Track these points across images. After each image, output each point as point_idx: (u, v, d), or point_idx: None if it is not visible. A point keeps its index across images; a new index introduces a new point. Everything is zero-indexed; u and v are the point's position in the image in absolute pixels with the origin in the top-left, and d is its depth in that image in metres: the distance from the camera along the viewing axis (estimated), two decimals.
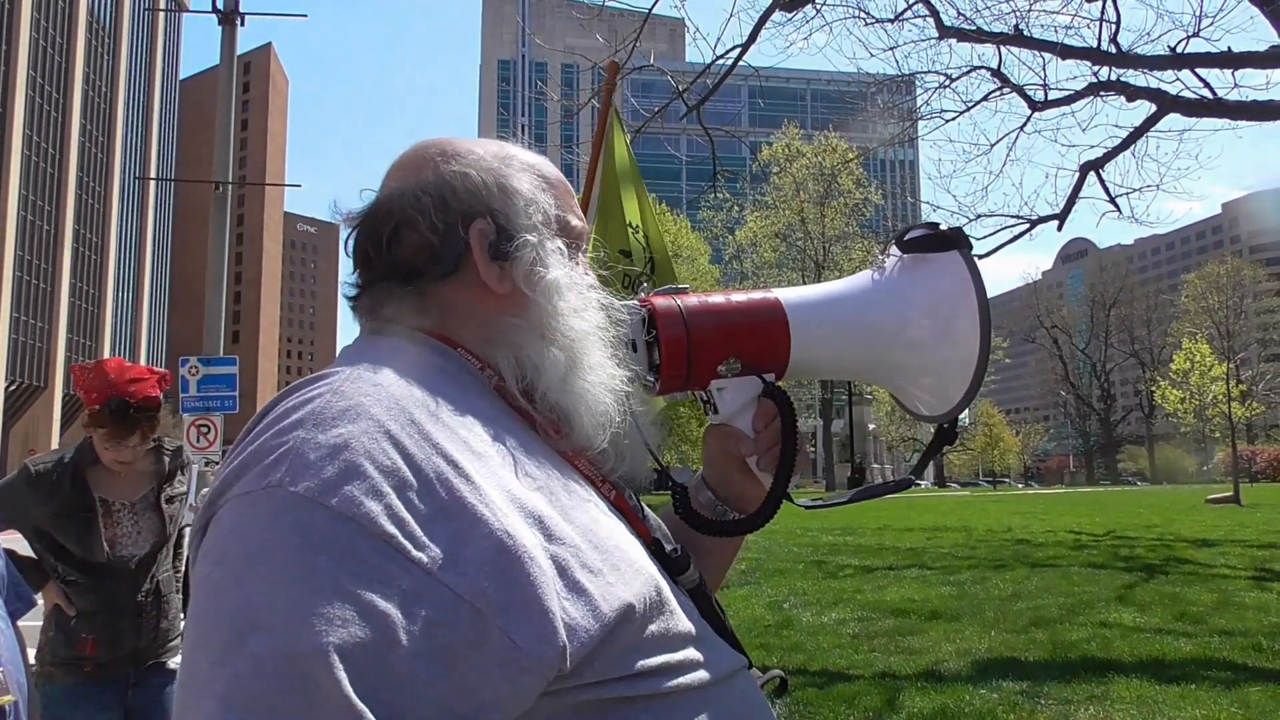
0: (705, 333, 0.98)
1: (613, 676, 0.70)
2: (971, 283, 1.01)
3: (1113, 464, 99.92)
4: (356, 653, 0.59)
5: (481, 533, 0.66)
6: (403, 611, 0.61)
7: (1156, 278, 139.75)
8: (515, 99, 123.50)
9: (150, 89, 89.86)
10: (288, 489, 0.64)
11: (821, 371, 1.10)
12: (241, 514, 0.65)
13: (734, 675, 0.83)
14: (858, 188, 56.18)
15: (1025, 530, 18.37)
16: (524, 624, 0.64)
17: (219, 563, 0.64)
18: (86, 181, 75.46)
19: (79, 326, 74.56)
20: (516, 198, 0.89)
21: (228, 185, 10.98)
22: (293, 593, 0.60)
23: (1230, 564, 11.35)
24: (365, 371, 0.74)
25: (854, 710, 4.94)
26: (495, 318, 0.86)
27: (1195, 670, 5.68)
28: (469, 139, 0.95)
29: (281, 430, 0.68)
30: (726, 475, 1.08)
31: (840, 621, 7.71)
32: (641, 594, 0.73)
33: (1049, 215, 12.87)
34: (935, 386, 1.06)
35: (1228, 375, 44.62)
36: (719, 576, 1.14)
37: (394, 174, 0.91)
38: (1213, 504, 28.72)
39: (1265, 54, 10.28)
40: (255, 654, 0.58)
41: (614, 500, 0.86)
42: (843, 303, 1.06)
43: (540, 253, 0.87)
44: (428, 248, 0.86)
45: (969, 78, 12.55)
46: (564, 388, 0.84)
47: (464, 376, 0.82)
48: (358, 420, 0.68)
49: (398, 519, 0.64)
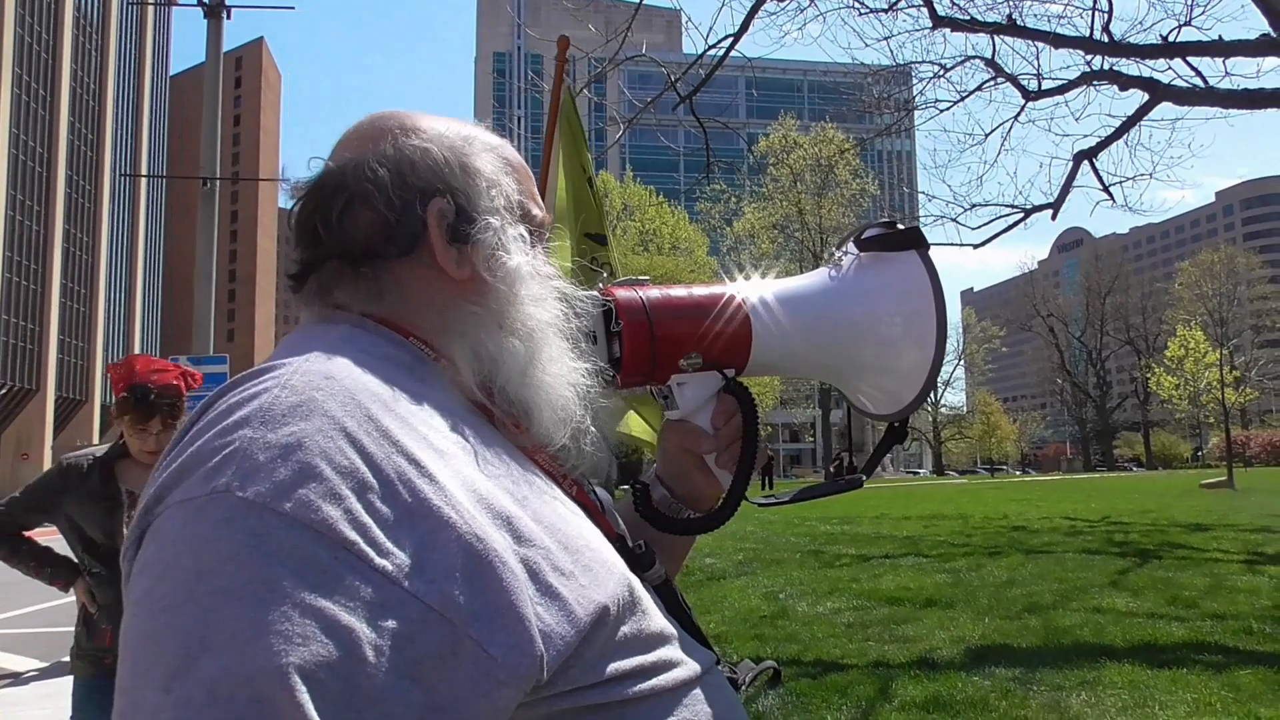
0: (668, 326, 0.95)
1: (585, 684, 0.66)
2: (929, 283, 1.00)
3: (1109, 450, 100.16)
4: (319, 672, 0.53)
5: (449, 537, 0.61)
6: (368, 625, 0.56)
7: (1151, 266, 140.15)
8: (510, 91, 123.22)
9: (140, 85, 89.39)
10: (236, 494, 0.58)
11: (779, 369, 1.08)
12: (185, 523, 0.59)
13: (708, 673, 0.80)
14: (855, 178, 56.25)
15: (1021, 517, 18.43)
16: (498, 633, 0.60)
17: (161, 578, 0.57)
18: (76, 180, 75.08)
19: (71, 328, 74.29)
20: (479, 178, 0.83)
21: (216, 181, 10.95)
22: (246, 608, 0.54)
23: (1223, 548, 11.41)
24: (316, 363, 0.68)
25: (847, 700, 4.95)
26: (452, 305, 0.80)
27: (1187, 654, 5.71)
28: (430, 114, 0.89)
29: (225, 429, 0.62)
30: (683, 472, 1.04)
31: (835, 611, 7.73)
32: (615, 595, 0.70)
33: (1043, 204, 12.89)
34: (889, 385, 1.06)
35: (1221, 362, 44.80)
36: (674, 571, 1.10)
37: (347, 144, 0.85)
38: (1207, 489, 28.85)
39: (1255, 42, 10.28)
40: (207, 678, 0.52)
41: (577, 496, 0.82)
42: (802, 300, 1.04)
43: (502, 237, 0.82)
44: (383, 225, 0.79)
45: (963, 68, 12.55)
46: (524, 381, 0.80)
47: (419, 368, 0.77)
48: (310, 417, 0.62)
49: (359, 524, 0.58)
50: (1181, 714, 4.48)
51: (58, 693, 6.14)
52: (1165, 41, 10.80)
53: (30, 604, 11.38)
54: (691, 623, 0.86)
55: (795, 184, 55.32)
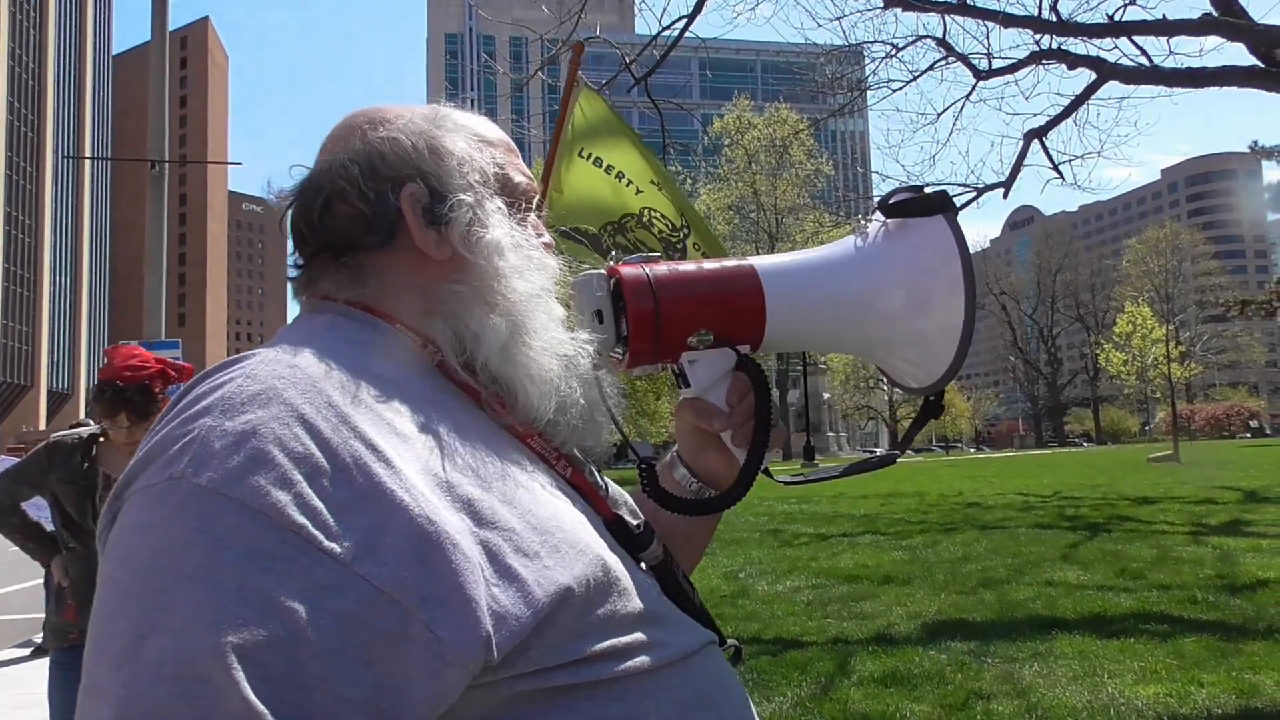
0: (674, 303, 0.92)
1: (551, 665, 0.66)
2: (956, 249, 0.96)
3: (1060, 427, 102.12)
4: (260, 653, 0.55)
5: (401, 520, 0.62)
6: (314, 607, 0.57)
7: (1100, 243, 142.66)
8: (463, 73, 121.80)
9: (82, 65, 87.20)
10: (190, 480, 0.60)
11: (800, 344, 1.05)
12: (144, 508, 0.61)
13: (696, 654, 0.79)
14: (809, 159, 56.41)
15: (976, 494, 18.76)
16: (446, 615, 0.61)
17: (122, 560, 0.60)
18: (16, 161, 73.27)
19: (14, 312, 72.65)
20: (449, 158, 0.84)
21: (164, 164, 10.72)
22: (194, 591, 0.56)
23: (1169, 520, 11.71)
24: (283, 353, 0.70)
25: (806, 676, 5.02)
26: (435, 286, 0.82)
27: (1134, 624, 5.86)
28: (402, 105, 0.91)
29: (188, 419, 0.64)
30: (700, 451, 1.03)
31: (795, 589, 7.82)
32: (583, 576, 0.69)
33: (995, 183, 13.04)
34: (919, 358, 1.02)
35: (1167, 337, 45.77)
36: (697, 553, 1.11)
37: (325, 148, 0.88)
38: (1153, 463, 29.55)
39: (1198, 21, 10.47)
40: (154, 658, 0.54)
41: (570, 478, 0.82)
42: (822, 271, 1.00)
43: (478, 212, 0.83)
44: (360, 218, 0.82)
45: (915, 47, 12.63)
46: (505, 356, 0.80)
47: (400, 353, 0.78)
48: (268, 405, 0.64)
49: (309, 509, 0.60)
50: (1129, 682, 4.60)
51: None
52: (1111, 20, 10.96)
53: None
54: (692, 602, 0.86)
55: (750, 165, 55.39)
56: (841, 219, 27.85)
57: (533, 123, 51.75)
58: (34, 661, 7.01)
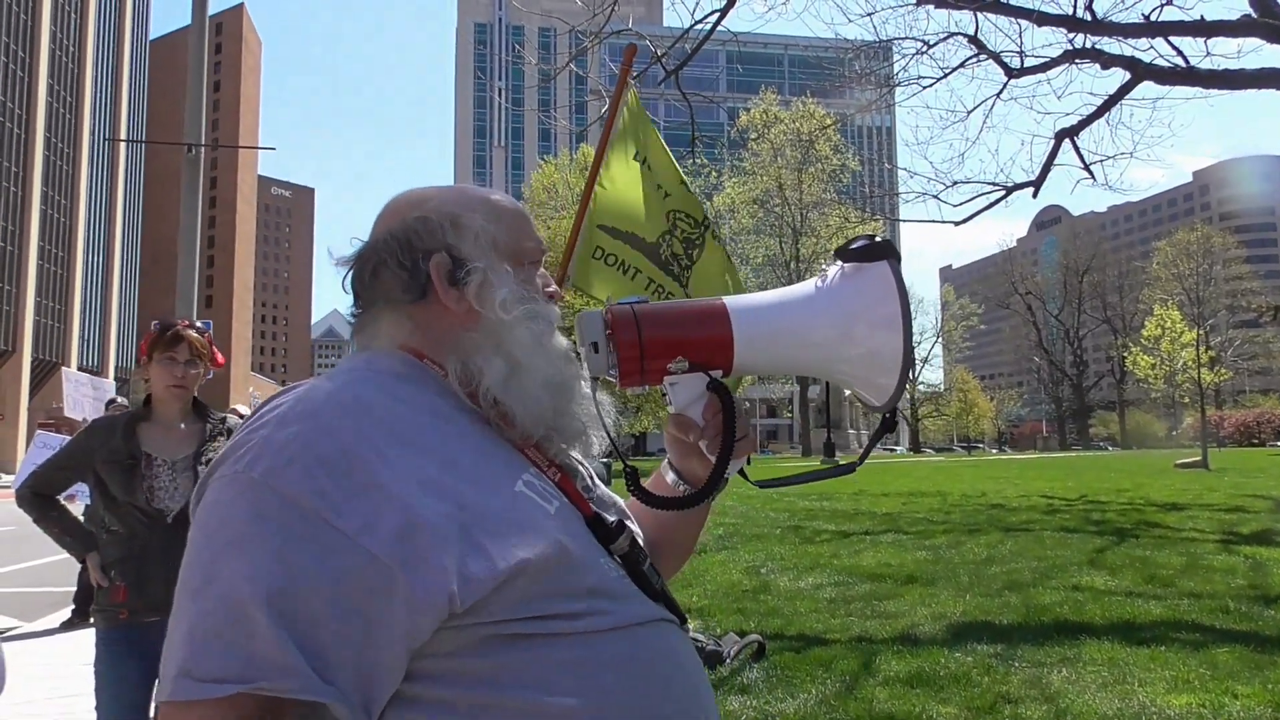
0: (654, 335, 1.12)
1: (511, 617, 0.88)
2: (895, 291, 1.13)
3: (1085, 429, 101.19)
4: (284, 597, 0.80)
5: (394, 507, 0.85)
6: (325, 566, 0.82)
7: (1129, 244, 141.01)
8: (491, 62, 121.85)
9: (120, 49, 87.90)
10: (247, 474, 0.86)
11: (768, 369, 1.24)
12: (218, 492, 0.88)
13: (644, 625, 0.98)
14: (835, 154, 56.14)
15: (999, 495, 18.62)
16: (421, 575, 0.83)
17: (201, 527, 0.88)
18: (55, 143, 73.98)
19: (48, 290, 73.44)
20: (467, 232, 1.07)
21: (200, 147, 10.79)
22: (243, 552, 0.82)
23: (1199, 528, 11.56)
24: (324, 382, 0.96)
25: (830, 674, 4.99)
26: (453, 331, 1.05)
27: (1164, 632, 5.79)
28: (436, 186, 1.15)
29: (255, 429, 0.91)
30: (684, 458, 1.24)
31: (817, 586, 7.79)
32: (542, 554, 0.90)
33: (1024, 182, 12.94)
34: (870, 382, 1.19)
35: (1197, 341, 45.08)
36: (687, 545, 1.34)
37: (378, 222, 1.12)
38: (1181, 469, 29.22)
39: (1236, 22, 10.32)
40: (213, 595, 0.81)
41: (559, 482, 1.03)
42: (783, 308, 1.18)
43: (489, 275, 1.05)
44: (400, 280, 1.06)
45: (946, 44, 12.54)
46: (505, 388, 1.02)
47: (424, 380, 1.02)
48: (309, 421, 0.89)
49: (326, 497, 0.84)
50: (1160, 691, 4.55)
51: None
52: (1147, 20, 10.82)
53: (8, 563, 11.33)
54: (654, 588, 1.04)
55: (775, 159, 55.18)
56: (867, 215, 27.59)
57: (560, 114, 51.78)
58: (52, 638, 7.09)
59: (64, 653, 6.43)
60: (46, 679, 5.68)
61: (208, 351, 3.21)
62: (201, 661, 0.79)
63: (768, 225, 56.88)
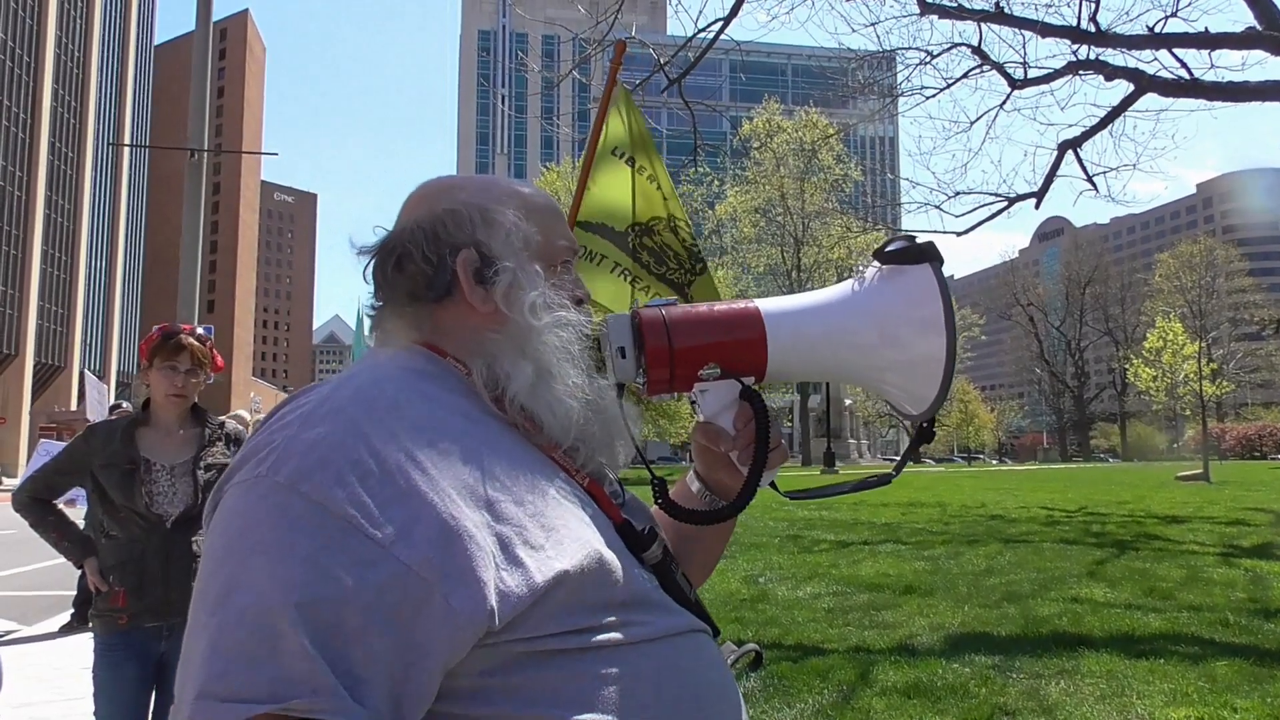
0: (686, 340, 1.06)
1: (545, 633, 0.81)
2: (939, 293, 1.08)
3: (1085, 441, 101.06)
4: (314, 609, 0.72)
5: (430, 515, 0.78)
6: (358, 578, 0.74)
7: (1131, 256, 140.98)
8: (495, 69, 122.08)
9: (124, 54, 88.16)
10: (271, 478, 0.79)
11: (801, 376, 1.17)
12: (238, 498, 0.81)
13: (679, 635, 0.93)
14: (838, 164, 56.13)
15: (999, 506, 18.59)
16: (460, 589, 0.76)
17: (220, 535, 0.80)
18: (59, 147, 74.18)
19: (51, 294, 73.55)
20: (498, 229, 1.01)
21: (203, 152, 10.82)
22: (269, 560, 0.75)
23: (1199, 540, 11.54)
24: (350, 379, 0.90)
25: (828, 684, 4.99)
26: (478, 332, 0.99)
27: (1164, 645, 5.78)
28: (465, 175, 1.10)
29: (276, 430, 0.84)
30: (712, 468, 1.18)
31: (815, 596, 7.78)
32: (580, 564, 0.84)
33: (1027, 193, 12.93)
34: (908, 389, 1.14)
35: (1199, 354, 45.09)
36: (712, 558, 1.28)
37: (403, 210, 1.06)
38: (1182, 481, 29.17)
39: (1241, 35, 10.33)
40: (236, 607, 0.73)
41: (587, 487, 0.97)
42: (819, 311, 1.12)
43: (519, 275, 1.00)
44: (423, 275, 1.00)
45: (949, 54, 12.55)
46: (532, 394, 0.96)
47: (449, 379, 0.96)
48: (335, 420, 0.82)
49: (359, 502, 0.77)
50: (1159, 704, 4.54)
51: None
52: (1151, 32, 10.83)
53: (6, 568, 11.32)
54: (687, 598, 0.99)
55: (778, 168, 55.18)
56: (869, 225, 27.51)
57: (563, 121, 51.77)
58: (51, 641, 7.09)
59: (63, 657, 6.43)
60: (45, 682, 5.68)
61: (209, 359, 3.20)
62: (224, 680, 0.71)
63: (770, 234, 56.87)
